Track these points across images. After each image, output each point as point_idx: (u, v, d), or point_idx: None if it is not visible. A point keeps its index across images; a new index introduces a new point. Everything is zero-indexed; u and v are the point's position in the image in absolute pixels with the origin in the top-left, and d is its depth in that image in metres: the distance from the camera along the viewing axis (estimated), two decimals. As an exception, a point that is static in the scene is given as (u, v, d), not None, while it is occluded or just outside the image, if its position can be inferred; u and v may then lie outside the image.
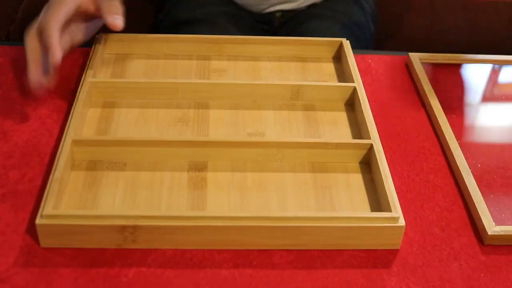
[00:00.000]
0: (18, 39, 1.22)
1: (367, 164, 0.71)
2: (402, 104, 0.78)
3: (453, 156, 0.74)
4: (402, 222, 0.62)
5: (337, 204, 0.66)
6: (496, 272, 0.62)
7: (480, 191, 0.69)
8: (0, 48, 0.89)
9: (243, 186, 0.67)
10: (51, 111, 0.78)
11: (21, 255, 0.60)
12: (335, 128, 0.77)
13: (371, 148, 0.70)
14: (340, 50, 0.89)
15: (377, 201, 0.67)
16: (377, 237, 0.62)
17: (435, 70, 0.92)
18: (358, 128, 0.77)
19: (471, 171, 0.72)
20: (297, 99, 0.80)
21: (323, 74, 0.87)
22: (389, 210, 0.63)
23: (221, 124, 0.76)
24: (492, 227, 0.65)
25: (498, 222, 0.66)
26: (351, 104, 0.80)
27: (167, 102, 0.78)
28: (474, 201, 0.68)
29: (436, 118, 0.80)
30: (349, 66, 0.83)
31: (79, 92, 0.75)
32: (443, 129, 0.78)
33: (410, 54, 0.92)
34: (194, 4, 1.10)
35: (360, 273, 0.61)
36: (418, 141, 0.77)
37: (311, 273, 0.60)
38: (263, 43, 0.88)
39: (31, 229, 0.62)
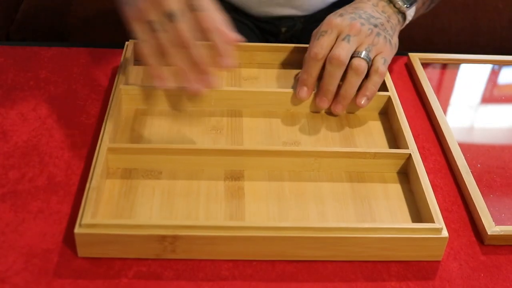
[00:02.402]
0: (18, 39, 1.23)
1: (405, 174, 0.71)
2: (402, 104, 0.78)
3: (453, 156, 0.74)
4: (445, 233, 0.62)
5: (376, 215, 0.66)
6: (496, 272, 0.62)
7: (480, 191, 0.69)
8: (0, 48, 0.89)
9: (281, 196, 0.67)
10: (51, 111, 0.78)
11: (21, 255, 0.60)
12: (370, 137, 0.76)
13: (409, 158, 0.70)
14: None
15: (417, 212, 0.66)
16: (419, 248, 0.62)
17: (435, 70, 0.92)
18: (393, 137, 0.76)
19: (471, 171, 0.72)
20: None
21: None
22: (431, 221, 0.62)
23: (255, 133, 0.75)
24: (492, 227, 0.65)
25: (498, 222, 0.66)
26: (385, 113, 0.80)
27: (199, 110, 0.78)
28: (474, 201, 0.68)
29: (436, 118, 0.80)
30: None
31: (112, 99, 0.74)
32: (443, 129, 0.78)
33: (410, 54, 0.92)
34: None
35: (359, 273, 0.61)
36: (418, 141, 0.77)
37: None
38: (294, 51, 0.88)
39: (31, 229, 0.63)
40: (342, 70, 0.75)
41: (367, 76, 0.76)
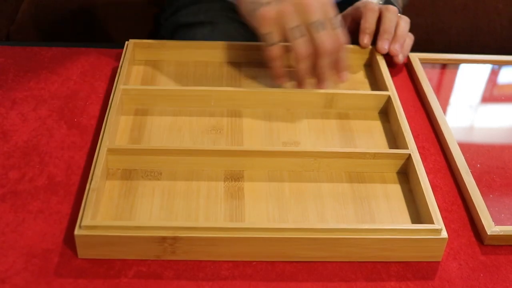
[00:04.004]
0: (18, 39, 1.22)
1: (404, 174, 0.71)
2: (402, 104, 0.78)
3: (453, 156, 0.74)
4: (444, 234, 0.62)
5: (376, 215, 0.66)
6: (495, 272, 0.63)
7: (480, 191, 0.69)
8: (0, 48, 0.89)
9: (280, 196, 0.67)
10: (51, 111, 0.78)
11: (21, 255, 0.60)
12: (370, 137, 0.76)
13: (409, 158, 0.70)
14: (371, 57, 0.88)
15: (417, 212, 0.66)
16: (419, 249, 0.62)
17: (435, 70, 0.92)
18: (393, 137, 0.76)
19: (470, 171, 0.72)
20: (330, 107, 0.79)
21: (354, 81, 0.86)
22: (431, 222, 0.62)
23: (255, 133, 0.75)
24: (491, 227, 0.65)
25: (497, 222, 0.66)
26: (385, 113, 0.80)
27: (199, 110, 0.78)
28: (474, 201, 0.68)
29: (436, 118, 0.80)
30: (381, 74, 0.83)
31: (112, 100, 0.74)
32: (443, 129, 0.78)
33: (410, 54, 0.92)
34: (198, 9, 1.09)
35: (359, 272, 0.61)
36: (418, 141, 0.77)
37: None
38: None
39: (31, 229, 0.63)
40: (396, 16, 0.88)
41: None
